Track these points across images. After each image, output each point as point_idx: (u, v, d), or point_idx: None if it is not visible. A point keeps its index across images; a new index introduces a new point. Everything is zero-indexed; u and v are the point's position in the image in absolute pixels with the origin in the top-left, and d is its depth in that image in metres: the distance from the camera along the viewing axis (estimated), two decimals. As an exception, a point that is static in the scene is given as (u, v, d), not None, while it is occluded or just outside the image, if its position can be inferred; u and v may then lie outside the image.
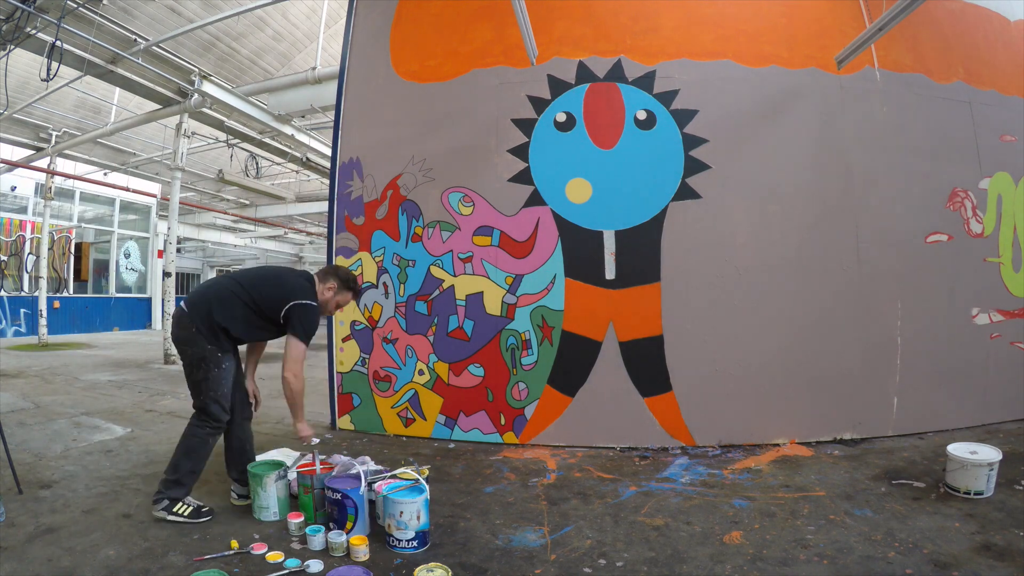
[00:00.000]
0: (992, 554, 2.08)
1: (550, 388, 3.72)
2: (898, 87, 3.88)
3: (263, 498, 2.52)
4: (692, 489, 2.87)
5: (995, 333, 3.96)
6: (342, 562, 2.12)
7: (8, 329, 11.96)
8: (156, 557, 2.14)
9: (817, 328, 3.67)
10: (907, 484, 2.85)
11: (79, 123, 10.75)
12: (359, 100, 4.20)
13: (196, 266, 26.95)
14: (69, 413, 4.64)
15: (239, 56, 9.00)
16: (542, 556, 2.17)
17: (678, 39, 3.78)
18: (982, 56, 4.14)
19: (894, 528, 2.33)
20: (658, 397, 3.62)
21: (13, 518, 2.47)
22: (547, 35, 3.81)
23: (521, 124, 3.83)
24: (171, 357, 8.16)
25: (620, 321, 3.65)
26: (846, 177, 3.75)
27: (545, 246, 3.74)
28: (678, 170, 3.68)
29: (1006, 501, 2.57)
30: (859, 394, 3.68)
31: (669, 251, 3.65)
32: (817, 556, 2.12)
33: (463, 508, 2.65)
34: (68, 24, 5.79)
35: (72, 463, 3.31)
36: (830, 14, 3.89)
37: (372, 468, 2.75)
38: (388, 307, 4.00)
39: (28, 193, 12.47)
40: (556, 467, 3.27)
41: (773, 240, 3.67)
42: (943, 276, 3.86)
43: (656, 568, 2.07)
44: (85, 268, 13.20)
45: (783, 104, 3.76)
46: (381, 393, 4.00)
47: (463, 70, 3.98)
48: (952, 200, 3.91)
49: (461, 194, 3.88)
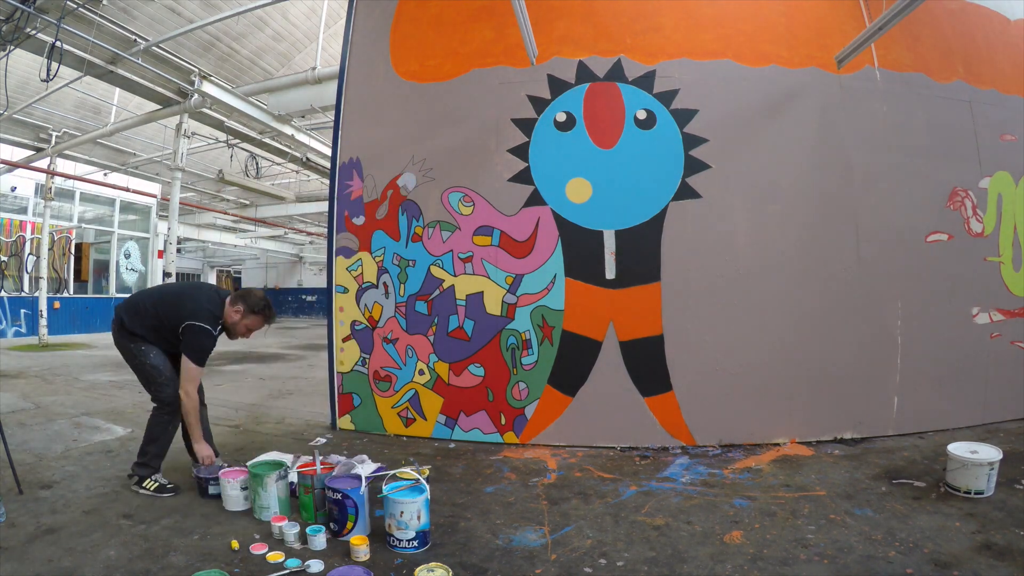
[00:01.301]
0: (992, 553, 2.08)
1: (550, 388, 3.72)
2: (898, 86, 3.88)
3: (263, 498, 2.52)
4: (693, 489, 2.87)
5: (995, 332, 3.96)
6: (343, 562, 2.12)
7: (8, 329, 11.96)
8: (157, 557, 2.14)
9: (817, 327, 3.67)
10: (907, 483, 2.85)
11: (79, 123, 10.75)
12: (359, 100, 4.20)
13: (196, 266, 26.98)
14: (69, 413, 4.65)
15: (239, 56, 9.00)
16: (542, 556, 2.17)
17: (678, 39, 3.78)
18: (982, 55, 4.14)
19: (894, 527, 2.33)
20: (658, 397, 3.62)
21: (13, 518, 2.48)
22: (547, 35, 3.81)
23: (521, 124, 3.83)
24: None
25: (620, 321, 3.65)
26: (846, 176, 3.75)
27: (545, 246, 3.74)
28: (678, 170, 3.68)
29: (1006, 500, 2.57)
30: (859, 393, 3.68)
31: (669, 251, 3.65)
32: (817, 555, 2.12)
33: (463, 508, 2.66)
34: (68, 24, 5.79)
35: (73, 463, 3.32)
36: (830, 14, 3.89)
37: (370, 467, 2.76)
38: (388, 307, 4.00)
39: (28, 193, 12.46)
40: (556, 467, 3.27)
41: (773, 240, 3.67)
42: (943, 275, 3.86)
43: (656, 568, 2.07)
44: (85, 268, 13.20)
45: (783, 104, 3.76)
46: (381, 393, 4.01)
47: (463, 70, 3.98)
48: (952, 199, 3.91)
49: (461, 194, 3.88)
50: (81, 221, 14.06)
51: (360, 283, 4.08)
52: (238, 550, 2.21)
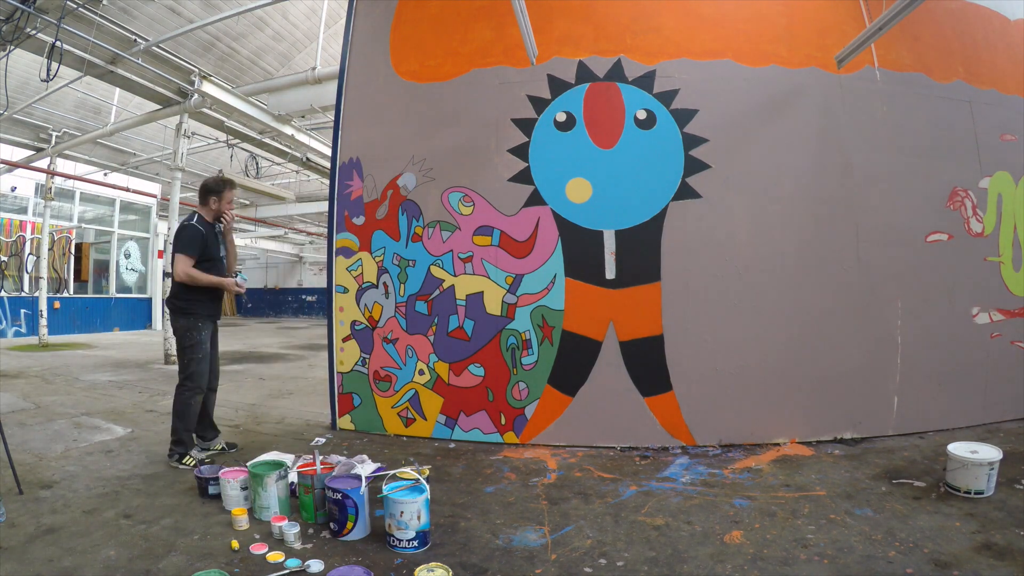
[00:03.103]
0: (992, 553, 2.08)
1: (550, 388, 3.72)
2: (898, 86, 3.88)
3: (263, 498, 2.52)
4: (692, 488, 2.87)
5: (995, 332, 3.96)
6: (343, 561, 2.12)
7: (8, 329, 11.96)
8: (157, 557, 2.14)
9: (817, 327, 3.67)
10: (907, 483, 2.85)
11: (79, 123, 10.75)
12: (359, 100, 4.20)
13: (196, 266, 26.87)
14: (69, 413, 4.65)
15: (239, 56, 8.99)
16: (543, 556, 2.17)
17: (678, 39, 3.78)
18: (982, 55, 4.14)
19: (894, 527, 2.33)
20: (658, 397, 3.62)
21: (13, 518, 2.48)
22: (547, 35, 3.81)
23: (521, 124, 3.83)
24: (171, 357, 8.16)
25: (620, 321, 3.65)
26: (846, 176, 3.75)
27: (545, 246, 3.74)
28: (678, 170, 3.68)
29: (1006, 500, 2.57)
30: (859, 393, 3.68)
31: (669, 251, 3.65)
32: (817, 555, 2.12)
33: (463, 508, 2.66)
34: (68, 24, 5.79)
35: (72, 463, 3.32)
36: (830, 13, 3.89)
37: (370, 467, 2.76)
38: (388, 307, 4.00)
39: (28, 194, 12.46)
40: (556, 467, 3.27)
41: (773, 239, 3.67)
42: (943, 275, 3.86)
43: (657, 568, 2.07)
44: (85, 268, 13.21)
45: (783, 103, 3.76)
46: (381, 393, 4.01)
47: (463, 70, 3.98)
48: (952, 199, 3.91)
49: (461, 194, 3.88)
50: (81, 221, 14.06)
51: (360, 283, 4.08)
52: (238, 550, 2.21)
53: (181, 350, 3.39)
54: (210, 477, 2.77)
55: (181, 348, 3.39)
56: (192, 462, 3.21)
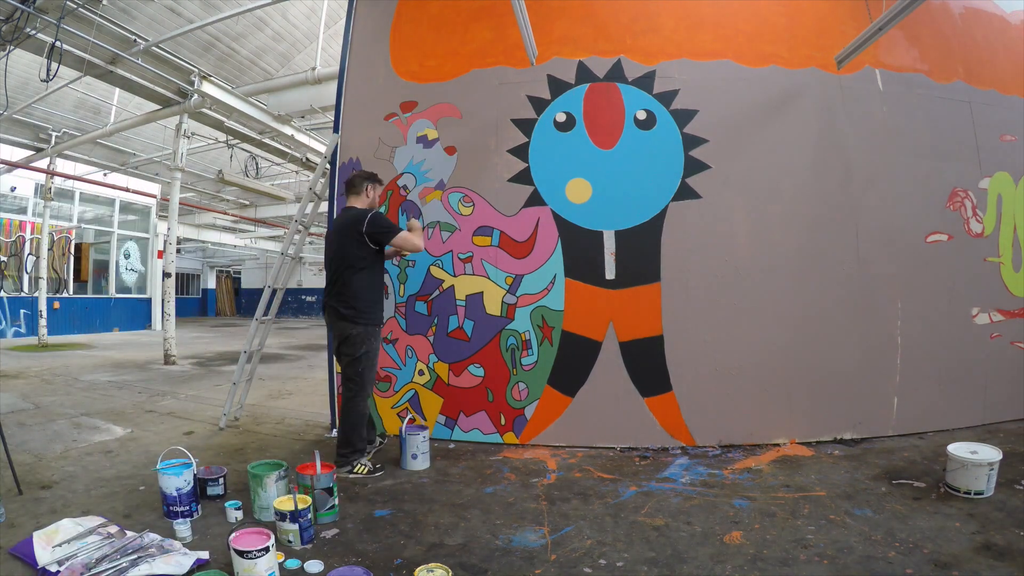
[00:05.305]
0: (992, 554, 2.08)
1: (550, 388, 3.72)
2: (898, 87, 3.88)
3: (263, 498, 2.52)
4: (692, 489, 2.87)
5: (995, 333, 3.96)
6: (343, 561, 2.11)
7: (8, 330, 11.96)
8: (156, 558, 2.14)
9: (817, 328, 3.67)
10: (907, 484, 2.85)
11: (79, 123, 10.75)
12: (359, 100, 4.20)
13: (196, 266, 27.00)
14: (69, 414, 4.65)
15: (239, 56, 8.99)
16: (542, 556, 2.17)
17: (678, 39, 3.78)
18: (982, 56, 4.14)
19: (894, 528, 2.33)
20: (658, 397, 3.62)
21: (13, 519, 2.48)
22: (547, 35, 3.81)
23: (521, 124, 3.83)
24: (171, 357, 8.17)
25: (620, 321, 3.65)
26: (846, 177, 3.75)
27: (545, 246, 3.74)
28: (678, 170, 3.68)
29: (1006, 501, 2.57)
30: (859, 394, 3.68)
31: (669, 251, 3.65)
32: (817, 556, 2.12)
33: (463, 508, 2.66)
34: (68, 24, 5.79)
35: (72, 464, 3.31)
36: (830, 14, 3.89)
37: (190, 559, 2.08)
38: (388, 307, 4.00)
39: (28, 194, 12.46)
40: (556, 467, 3.27)
41: (773, 240, 3.67)
42: (943, 276, 3.86)
43: (656, 568, 2.07)
44: (85, 269, 13.21)
45: (783, 104, 3.76)
46: (381, 393, 4.00)
47: (463, 70, 3.98)
48: (952, 200, 3.91)
49: (461, 194, 3.88)
50: (81, 221, 14.07)
51: (360, 283, 4.07)
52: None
53: (354, 359, 3.17)
54: (210, 478, 2.76)
55: (354, 357, 3.17)
56: (364, 469, 3.13)
